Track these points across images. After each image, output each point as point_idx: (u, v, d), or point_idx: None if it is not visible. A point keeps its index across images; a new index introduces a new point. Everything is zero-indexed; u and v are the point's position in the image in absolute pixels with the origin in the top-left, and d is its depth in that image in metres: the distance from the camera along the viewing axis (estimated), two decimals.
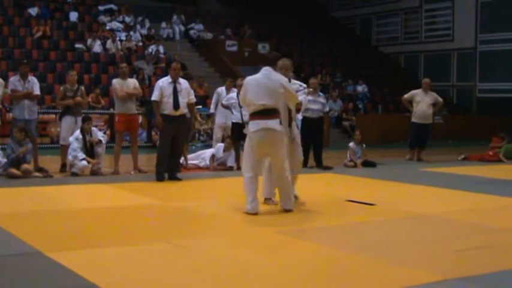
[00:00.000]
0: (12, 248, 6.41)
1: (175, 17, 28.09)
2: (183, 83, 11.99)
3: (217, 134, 14.94)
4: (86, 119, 12.57)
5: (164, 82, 11.83)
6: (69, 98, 12.99)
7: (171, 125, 11.65)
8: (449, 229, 7.91)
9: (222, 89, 14.86)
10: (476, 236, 7.50)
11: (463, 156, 17.07)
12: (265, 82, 8.50)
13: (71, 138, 12.38)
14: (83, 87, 13.60)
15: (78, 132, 12.36)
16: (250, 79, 8.76)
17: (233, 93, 13.84)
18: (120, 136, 13.20)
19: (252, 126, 8.51)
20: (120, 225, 7.83)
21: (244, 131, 8.82)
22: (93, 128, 12.78)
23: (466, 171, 14.08)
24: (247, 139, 8.68)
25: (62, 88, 13.51)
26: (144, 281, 5.36)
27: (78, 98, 13.05)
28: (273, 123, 8.37)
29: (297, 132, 9.24)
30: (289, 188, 8.73)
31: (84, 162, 12.16)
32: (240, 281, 5.46)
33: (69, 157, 12.30)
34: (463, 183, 12.05)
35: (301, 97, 8.97)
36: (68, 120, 12.98)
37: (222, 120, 14.56)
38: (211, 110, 15.08)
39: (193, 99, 12.28)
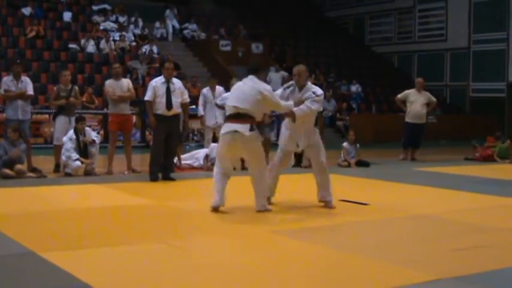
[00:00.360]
0: (5, 248, 6.38)
1: (168, 11, 27.96)
2: (177, 82, 11.96)
3: (208, 134, 14.83)
4: (80, 119, 12.54)
5: (157, 82, 11.79)
6: (63, 98, 12.97)
7: (164, 125, 11.63)
8: (444, 229, 7.91)
9: (207, 90, 14.75)
10: (471, 235, 7.51)
11: (476, 144, 17.15)
12: (243, 87, 8.60)
13: (64, 139, 12.34)
14: (76, 87, 13.56)
15: (71, 133, 12.32)
16: (234, 86, 8.93)
17: (227, 93, 13.83)
18: (113, 136, 13.17)
19: (223, 129, 8.63)
20: (114, 225, 7.81)
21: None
22: (87, 128, 12.74)
23: (460, 171, 14.10)
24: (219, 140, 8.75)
25: (55, 88, 13.49)
26: (138, 281, 5.34)
27: (72, 99, 13.02)
28: (242, 128, 8.37)
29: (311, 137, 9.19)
30: (266, 191, 8.77)
31: (78, 163, 12.13)
32: (235, 281, 5.45)
33: (63, 157, 12.27)
34: (457, 182, 12.07)
35: (307, 103, 8.80)
36: (61, 120, 12.95)
37: (212, 121, 14.49)
38: (201, 112, 14.76)
39: (186, 99, 12.21)
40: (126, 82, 13.20)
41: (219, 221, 8.17)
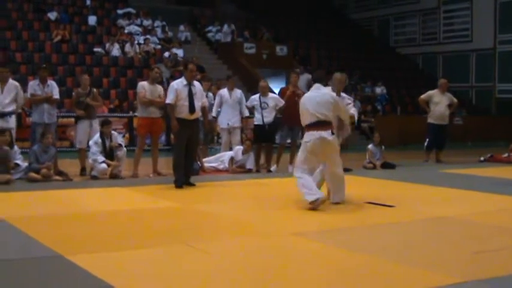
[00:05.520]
0: (33, 251, 6.44)
1: (226, 27, 28.02)
2: (197, 85, 11.68)
3: (224, 137, 14.53)
4: (105, 123, 12.55)
5: (179, 84, 11.43)
6: (83, 102, 12.98)
7: (187, 129, 11.30)
8: (469, 231, 7.87)
9: (224, 90, 14.51)
10: (496, 237, 7.46)
11: (488, 155, 16.92)
12: (315, 96, 9.29)
13: (90, 142, 12.43)
14: (95, 89, 13.56)
15: (97, 136, 12.38)
16: (305, 96, 9.59)
17: (256, 95, 13.87)
18: (142, 140, 13.15)
19: (307, 137, 9.22)
20: (139, 228, 7.85)
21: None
22: (113, 132, 12.75)
23: (486, 173, 13.99)
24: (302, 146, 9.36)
25: (74, 93, 13.48)
26: (162, 284, 5.37)
27: (89, 99, 12.99)
28: (326, 134, 9.07)
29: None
30: (341, 188, 9.51)
31: (104, 165, 12.19)
32: (258, 284, 5.46)
33: (90, 160, 12.35)
34: (483, 184, 11.98)
35: (353, 111, 10.03)
36: (83, 123, 12.99)
37: (225, 122, 14.28)
38: (213, 113, 14.36)
39: (205, 102, 12.06)
40: (160, 88, 13.08)
41: (243, 223, 8.18)
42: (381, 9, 35.60)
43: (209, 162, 14.07)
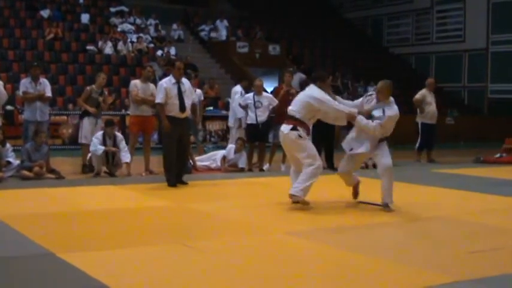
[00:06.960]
0: (25, 250, 6.42)
1: (218, 22, 28.03)
2: (186, 82, 11.52)
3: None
4: (109, 124, 12.51)
5: (168, 83, 11.26)
6: (95, 99, 12.95)
7: (177, 128, 11.14)
8: (462, 230, 7.88)
9: (240, 88, 14.45)
10: (490, 237, 7.48)
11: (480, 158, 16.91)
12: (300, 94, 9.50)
13: (93, 138, 12.37)
14: (106, 92, 13.54)
15: (100, 133, 12.31)
16: None
17: (249, 94, 13.83)
18: (134, 138, 13.13)
19: None
20: (132, 226, 7.83)
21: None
22: (118, 134, 12.66)
23: (479, 173, 14.02)
24: None
25: (88, 88, 13.35)
26: (156, 283, 5.36)
27: (101, 99, 12.99)
28: (285, 127, 9.09)
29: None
30: (304, 181, 8.98)
31: (102, 148, 12.10)
32: (253, 283, 5.45)
33: (91, 148, 12.26)
34: (475, 184, 12.00)
35: (375, 124, 9.87)
36: (90, 120, 12.90)
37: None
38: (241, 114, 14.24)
39: (195, 99, 12.02)
40: (152, 87, 13.05)
41: (236, 222, 8.18)
42: (375, 9, 35.60)
43: (201, 161, 14.05)
